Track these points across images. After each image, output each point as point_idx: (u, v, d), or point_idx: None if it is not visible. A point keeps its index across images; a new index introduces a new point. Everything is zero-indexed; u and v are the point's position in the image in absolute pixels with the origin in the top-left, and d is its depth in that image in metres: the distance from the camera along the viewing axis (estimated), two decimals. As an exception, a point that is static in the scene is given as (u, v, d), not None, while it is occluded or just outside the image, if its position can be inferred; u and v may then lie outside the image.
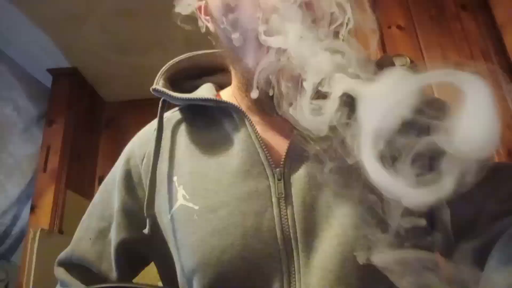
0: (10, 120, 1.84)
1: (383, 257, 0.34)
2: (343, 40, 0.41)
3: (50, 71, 2.00)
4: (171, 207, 0.45)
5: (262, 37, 0.38)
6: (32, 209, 1.78)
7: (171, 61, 0.53)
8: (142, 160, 0.50)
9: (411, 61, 1.21)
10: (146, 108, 1.80)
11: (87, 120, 2.13)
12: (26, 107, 1.92)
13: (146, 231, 0.45)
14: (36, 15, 1.66)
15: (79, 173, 1.98)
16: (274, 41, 0.37)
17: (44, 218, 1.75)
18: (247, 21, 0.40)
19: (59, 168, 1.84)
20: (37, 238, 1.59)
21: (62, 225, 1.78)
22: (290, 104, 0.39)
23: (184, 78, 0.53)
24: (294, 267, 0.40)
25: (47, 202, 1.78)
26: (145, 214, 0.45)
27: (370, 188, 0.30)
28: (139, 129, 0.55)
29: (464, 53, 1.26)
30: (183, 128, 0.50)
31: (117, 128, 2.21)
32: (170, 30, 1.77)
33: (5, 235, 1.79)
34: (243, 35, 0.41)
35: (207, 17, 0.48)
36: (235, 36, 0.42)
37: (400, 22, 1.35)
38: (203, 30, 0.48)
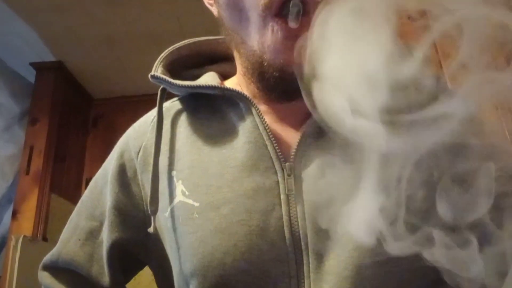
0: (-11, 119, 1.85)
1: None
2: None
3: (33, 65, 2.00)
4: (169, 204, 0.44)
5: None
6: (14, 214, 1.78)
7: (171, 48, 0.53)
8: (138, 153, 0.49)
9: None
10: (138, 105, 1.80)
11: (73, 118, 2.13)
12: (7, 104, 1.92)
13: (151, 229, 0.44)
14: (18, 4, 1.66)
15: (64, 175, 1.98)
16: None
17: (26, 224, 1.74)
18: None
19: (43, 170, 1.84)
20: (19, 246, 1.59)
21: (46, 232, 1.78)
22: (306, 88, 0.39)
23: (184, 67, 0.53)
24: (303, 271, 0.39)
25: (30, 207, 1.77)
26: (149, 211, 0.44)
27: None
28: (129, 128, 0.54)
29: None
30: (183, 118, 0.49)
31: (105, 127, 2.22)
32: (163, 20, 1.77)
33: (-16, 242, 1.79)
34: (246, 14, 0.42)
35: (211, 1, 0.49)
36: (238, 16, 0.42)
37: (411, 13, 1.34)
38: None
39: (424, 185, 0.36)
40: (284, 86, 0.43)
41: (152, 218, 0.44)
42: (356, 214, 0.38)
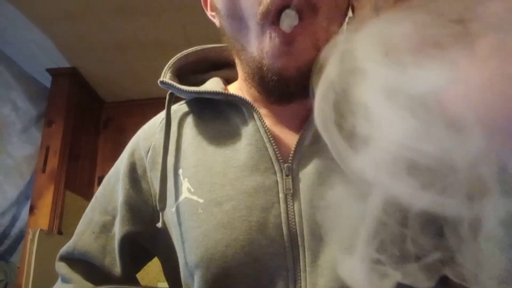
0: (8, 121, 1.85)
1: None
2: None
3: (49, 70, 2.02)
4: (175, 200, 0.45)
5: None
6: (31, 210, 1.79)
7: (179, 54, 0.53)
8: (147, 152, 0.49)
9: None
10: (146, 108, 1.83)
11: (86, 120, 2.14)
12: (25, 107, 1.94)
13: (159, 224, 0.45)
14: (34, 14, 1.67)
15: (78, 173, 1.99)
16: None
17: (43, 219, 1.76)
18: (248, 7, 0.41)
19: (58, 168, 1.86)
20: (36, 239, 1.60)
21: (61, 226, 1.79)
22: (303, 90, 0.39)
23: (191, 72, 0.54)
24: (299, 265, 0.39)
25: (46, 203, 1.79)
26: (158, 207, 0.45)
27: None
28: (138, 129, 0.55)
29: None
30: (189, 120, 0.50)
31: (116, 129, 2.22)
32: (170, 28, 1.77)
33: (4, 236, 1.79)
34: (245, 23, 0.42)
35: (213, 13, 0.49)
36: (237, 25, 0.43)
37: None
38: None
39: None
40: (283, 89, 0.43)
41: (160, 214, 0.45)
42: (351, 213, 0.38)
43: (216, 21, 0.49)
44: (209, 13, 0.51)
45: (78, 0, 1.62)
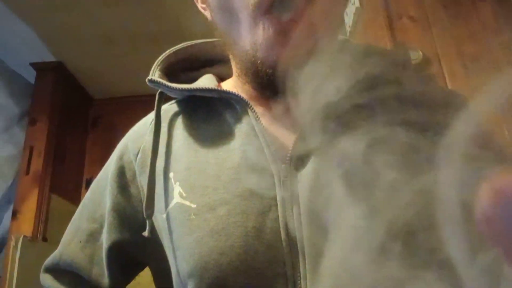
0: (-11, 119, 1.85)
1: None
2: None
3: (33, 65, 2.01)
4: (166, 205, 0.44)
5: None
6: (14, 214, 1.78)
7: (168, 51, 0.53)
8: (137, 155, 0.49)
9: (424, 55, 1.21)
10: (137, 105, 1.80)
11: (73, 118, 2.13)
12: (7, 104, 1.92)
13: (146, 233, 0.45)
14: (17, 4, 1.66)
15: (64, 176, 1.98)
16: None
17: (26, 224, 1.75)
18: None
19: (42, 170, 1.84)
20: (19, 246, 1.59)
21: (46, 232, 1.78)
22: (295, 86, 0.39)
23: (181, 70, 0.54)
24: (299, 272, 0.39)
25: (30, 207, 1.78)
26: (144, 215, 0.45)
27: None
28: (129, 128, 0.55)
29: (481, 46, 1.26)
30: (180, 121, 0.50)
31: (105, 127, 2.22)
32: (162, 20, 1.77)
33: (-16, 243, 1.79)
34: (237, 15, 0.42)
35: (204, 5, 0.49)
36: (229, 17, 0.43)
37: (412, 13, 1.35)
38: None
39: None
40: (278, 82, 0.43)
41: (147, 221, 0.45)
42: (352, 215, 0.39)
43: (207, 14, 0.49)
44: (199, 5, 0.50)
45: (64, -10, 1.62)
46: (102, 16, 1.74)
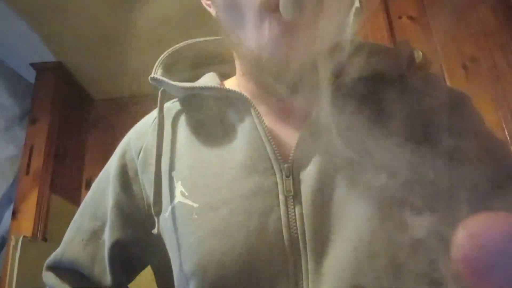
0: (-11, 119, 1.85)
1: None
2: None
3: (33, 65, 2.00)
4: (169, 204, 0.45)
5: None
6: (14, 214, 1.78)
7: (170, 49, 0.53)
8: (139, 154, 0.49)
9: (424, 55, 1.21)
10: (138, 106, 1.81)
11: (74, 118, 2.13)
12: (8, 104, 1.91)
13: (155, 231, 0.44)
14: (17, 5, 1.66)
15: (64, 175, 1.98)
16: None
17: (26, 224, 1.74)
18: None
19: (43, 170, 1.83)
20: (19, 246, 1.58)
21: (46, 232, 1.77)
22: (303, 85, 0.39)
23: (183, 68, 0.53)
24: (301, 272, 0.39)
25: (30, 207, 1.77)
26: (153, 212, 0.45)
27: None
28: (129, 128, 0.55)
29: (481, 46, 1.26)
30: (183, 119, 0.50)
31: (105, 128, 2.21)
32: (164, 20, 1.76)
33: (-16, 242, 1.79)
34: (243, 13, 0.42)
35: (208, 2, 0.49)
36: (235, 15, 0.42)
37: (412, 13, 1.35)
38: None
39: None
40: (283, 81, 0.43)
41: (156, 219, 0.45)
42: (354, 215, 0.39)
43: (212, 11, 0.49)
44: (204, 1, 0.50)
45: (65, -10, 1.61)
46: (102, 16, 1.74)
